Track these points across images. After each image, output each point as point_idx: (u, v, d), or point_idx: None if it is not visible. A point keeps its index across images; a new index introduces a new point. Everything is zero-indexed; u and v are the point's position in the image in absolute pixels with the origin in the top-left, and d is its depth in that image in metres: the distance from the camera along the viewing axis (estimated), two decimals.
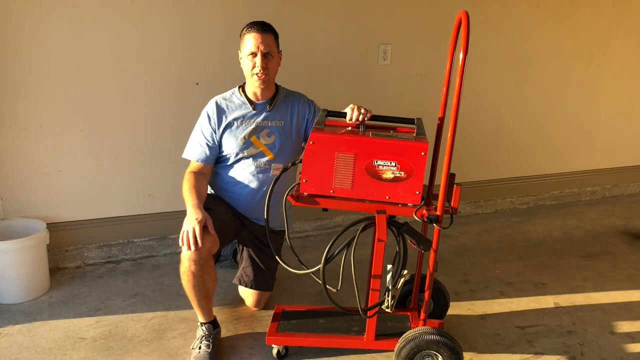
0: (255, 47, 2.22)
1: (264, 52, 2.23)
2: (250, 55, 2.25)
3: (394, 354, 2.02)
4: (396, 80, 3.37)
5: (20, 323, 2.42)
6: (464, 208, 3.82)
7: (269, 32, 2.25)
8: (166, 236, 3.09)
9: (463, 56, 1.75)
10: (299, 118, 2.42)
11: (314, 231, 3.44)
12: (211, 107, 2.36)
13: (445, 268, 3.00)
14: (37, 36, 2.59)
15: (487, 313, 2.58)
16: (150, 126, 2.89)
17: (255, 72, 2.25)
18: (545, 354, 2.28)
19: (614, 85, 4.02)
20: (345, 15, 3.14)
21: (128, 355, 2.21)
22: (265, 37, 2.23)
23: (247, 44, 2.25)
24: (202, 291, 2.15)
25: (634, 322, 2.52)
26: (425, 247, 1.95)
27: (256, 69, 2.24)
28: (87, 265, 2.96)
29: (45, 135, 2.73)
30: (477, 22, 3.22)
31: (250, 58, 2.25)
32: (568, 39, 3.75)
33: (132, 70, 2.79)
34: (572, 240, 3.45)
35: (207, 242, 2.08)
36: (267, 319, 2.46)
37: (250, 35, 2.24)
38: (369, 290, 2.07)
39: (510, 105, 3.74)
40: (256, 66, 2.24)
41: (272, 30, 2.27)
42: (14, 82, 2.62)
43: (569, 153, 4.06)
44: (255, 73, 2.25)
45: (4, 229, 2.68)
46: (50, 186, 2.80)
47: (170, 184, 2.97)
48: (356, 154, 1.89)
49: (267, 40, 2.23)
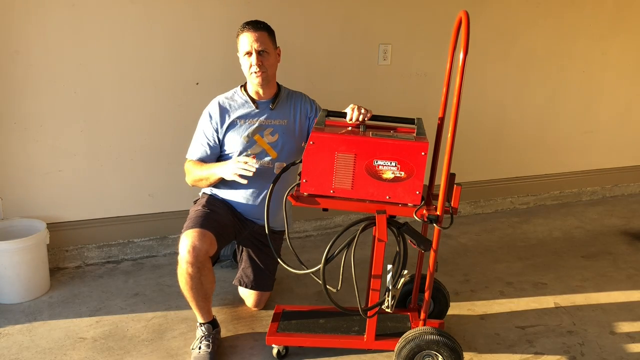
0: (249, 46, 2.24)
1: (258, 50, 2.24)
2: (246, 55, 2.27)
3: (394, 354, 2.02)
4: (396, 80, 3.37)
5: (21, 323, 2.42)
6: (464, 208, 3.82)
7: (263, 29, 2.26)
8: (166, 236, 3.09)
9: (463, 56, 1.75)
10: (301, 117, 2.42)
11: (314, 231, 3.44)
12: (213, 106, 2.37)
13: (445, 268, 3.00)
14: (37, 36, 2.59)
15: (487, 313, 2.58)
16: (150, 126, 2.89)
17: (253, 71, 2.27)
18: (545, 354, 2.28)
19: (614, 85, 4.02)
20: (345, 15, 3.14)
21: (128, 355, 2.21)
22: (259, 35, 2.24)
23: (241, 43, 2.27)
24: (200, 293, 2.15)
25: (634, 322, 2.52)
26: (426, 247, 1.95)
27: (253, 67, 2.26)
28: (87, 265, 2.96)
29: (45, 135, 2.73)
30: (477, 22, 3.23)
31: (246, 57, 2.27)
32: (568, 39, 3.75)
33: (132, 70, 2.79)
34: (572, 240, 3.45)
35: (204, 244, 2.08)
36: (267, 319, 2.46)
37: (243, 34, 2.26)
38: (369, 290, 2.07)
39: (511, 105, 3.74)
40: (252, 65, 2.26)
41: (266, 28, 2.28)
42: (14, 82, 2.62)
43: (569, 153, 4.06)
44: (253, 72, 2.27)
45: (4, 229, 2.68)
46: (51, 186, 2.80)
47: (170, 184, 2.98)
48: (356, 154, 1.89)
49: (260, 38, 2.24)
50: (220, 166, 2.23)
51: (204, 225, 2.15)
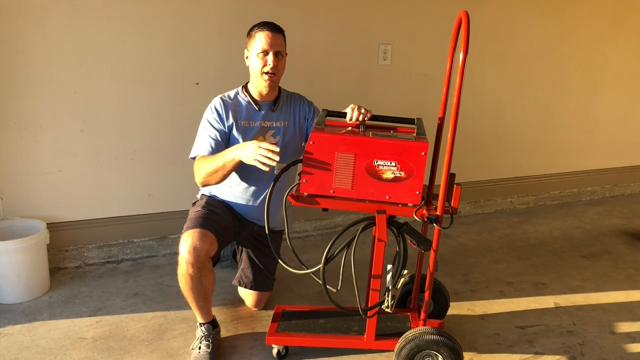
0: (267, 45, 2.22)
1: (275, 52, 2.23)
2: (262, 54, 2.23)
3: (394, 354, 2.02)
4: (396, 80, 3.37)
5: (21, 323, 2.42)
6: (464, 208, 3.82)
7: (280, 32, 2.27)
8: (166, 236, 3.09)
9: (463, 56, 1.75)
10: (300, 118, 2.42)
11: (314, 231, 3.44)
12: (218, 105, 2.31)
13: (445, 268, 3.00)
14: (37, 36, 2.59)
15: (487, 313, 2.58)
16: (150, 126, 2.89)
17: (266, 71, 2.24)
18: (545, 354, 2.28)
19: (613, 85, 4.02)
20: (345, 15, 3.14)
21: (128, 355, 2.21)
22: (277, 36, 2.24)
23: (258, 42, 2.23)
24: (200, 293, 2.15)
25: (634, 322, 2.52)
26: (425, 247, 1.95)
27: (267, 67, 2.23)
28: (87, 265, 2.96)
29: (45, 135, 2.73)
30: (477, 22, 3.23)
31: (261, 56, 2.24)
32: (568, 39, 3.75)
33: (132, 70, 2.79)
34: (572, 240, 3.45)
35: (204, 244, 2.08)
36: (267, 319, 2.46)
37: (262, 33, 2.23)
38: (369, 290, 2.07)
39: (511, 105, 3.74)
40: (267, 64, 2.23)
41: (282, 32, 2.28)
42: (14, 82, 2.62)
43: (569, 153, 4.06)
44: (266, 72, 2.24)
45: (4, 229, 2.68)
46: (51, 186, 2.80)
47: (170, 184, 2.98)
48: (356, 154, 1.89)
49: (278, 40, 2.24)
50: (240, 148, 2.05)
51: (204, 225, 2.15)
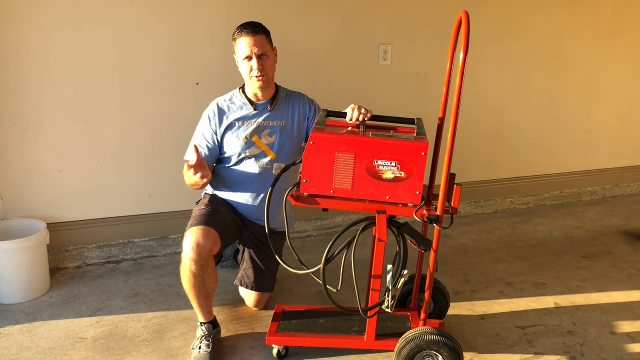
0: (249, 50, 2.22)
1: (258, 54, 2.23)
2: (246, 59, 2.25)
3: (394, 354, 2.02)
4: (396, 80, 3.37)
5: (21, 323, 2.42)
6: (464, 208, 3.82)
7: (260, 32, 2.25)
8: (166, 236, 3.09)
9: (463, 56, 1.75)
10: (299, 117, 2.42)
11: (314, 231, 3.44)
12: (212, 109, 2.37)
13: (445, 268, 3.00)
14: (37, 36, 2.59)
15: (487, 313, 2.58)
16: (150, 126, 2.89)
17: (253, 75, 2.26)
18: (545, 354, 2.28)
19: (613, 85, 4.01)
20: (345, 15, 3.14)
21: (128, 355, 2.21)
22: (257, 38, 2.23)
23: (240, 48, 2.25)
24: (202, 291, 2.15)
25: (634, 322, 2.52)
26: (425, 247, 1.95)
27: (254, 71, 2.25)
28: (87, 265, 2.96)
29: (45, 135, 2.73)
30: (478, 22, 3.23)
31: (246, 62, 2.25)
32: (568, 39, 3.75)
33: (132, 70, 2.79)
34: (572, 240, 3.45)
35: (208, 242, 2.08)
36: (267, 319, 2.46)
37: (242, 39, 2.23)
38: (369, 290, 2.07)
39: (511, 105, 3.74)
40: (253, 69, 2.24)
41: (263, 30, 2.26)
42: (14, 82, 2.62)
43: (569, 153, 4.06)
44: (254, 76, 2.26)
45: (4, 229, 2.68)
46: (51, 186, 2.80)
47: (170, 184, 2.98)
48: (356, 154, 1.89)
49: (259, 42, 2.23)
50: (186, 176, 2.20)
51: (208, 223, 2.16)
